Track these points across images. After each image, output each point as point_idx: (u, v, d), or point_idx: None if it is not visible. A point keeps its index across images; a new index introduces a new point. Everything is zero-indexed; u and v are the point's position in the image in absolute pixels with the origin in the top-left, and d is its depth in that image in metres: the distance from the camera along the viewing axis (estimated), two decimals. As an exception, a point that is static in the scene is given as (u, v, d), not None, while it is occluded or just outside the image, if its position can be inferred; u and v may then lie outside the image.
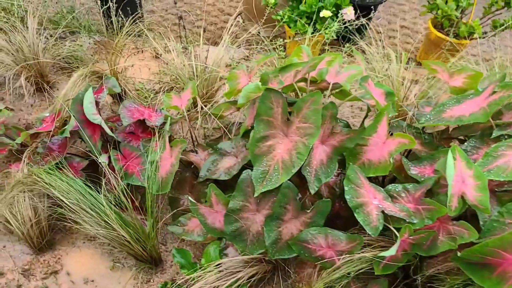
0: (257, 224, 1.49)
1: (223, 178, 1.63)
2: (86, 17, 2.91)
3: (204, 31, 3.53)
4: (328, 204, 1.41)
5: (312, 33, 2.72)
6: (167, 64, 2.70)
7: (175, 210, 1.72)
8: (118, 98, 2.44)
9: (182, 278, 1.72)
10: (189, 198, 1.53)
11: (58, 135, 1.95)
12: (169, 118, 1.68)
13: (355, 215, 1.37)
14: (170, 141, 1.71)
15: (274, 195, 1.44)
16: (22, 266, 1.77)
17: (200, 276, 1.55)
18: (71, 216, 1.66)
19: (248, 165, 1.59)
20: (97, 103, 1.89)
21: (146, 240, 1.65)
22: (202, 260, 1.63)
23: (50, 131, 1.80)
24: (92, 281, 1.76)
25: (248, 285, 1.58)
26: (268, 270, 1.66)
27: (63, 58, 2.58)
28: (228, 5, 3.80)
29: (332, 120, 1.46)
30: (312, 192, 1.42)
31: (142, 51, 2.88)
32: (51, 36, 2.62)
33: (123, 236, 1.61)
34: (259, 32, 3.43)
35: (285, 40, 2.93)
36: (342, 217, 1.59)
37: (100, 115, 1.85)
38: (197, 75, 2.35)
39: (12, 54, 2.40)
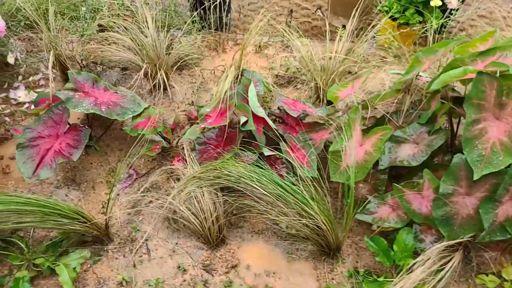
0: (467, 207, 1.50)
1: (414, 164, 1.64)
2: (186, 15, 2.91)
3: (288, 26, 3.53)
4: (551, 184, 1.42)
5: (420, 22, 2.74)
6: (287, 57, 2.70)
7: (371, 198, 1.71)
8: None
9: (365, 267, 1.74)
10: (395, 184, 1.54)
11: (212, 130, 1.95)
12: (359, 106, 1.68)
13: None
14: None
15: (491, 177, 1.45)
16: (202, 261, 1.77)
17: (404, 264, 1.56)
18: (261, 208, 1.67)
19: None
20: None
21: (335, 229, 1.66)
22: (395, 247, 1.64)
23: (225, 125, 1.79)
24: (274, 273, 1.76)
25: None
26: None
27: (178, 56, 2.57)
28: (292, -2, 3.81)
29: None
30: (531, 173, 1.43)
31: (260, 46, 2.87)
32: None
33: (319, 227, 1.61)
34: (344, 25, 3.46)
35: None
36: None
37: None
38: (324, 68, 2.35)
39: (138, 52, 2.39)
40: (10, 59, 2.28)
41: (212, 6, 2.73)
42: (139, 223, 1.90)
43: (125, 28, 2.41)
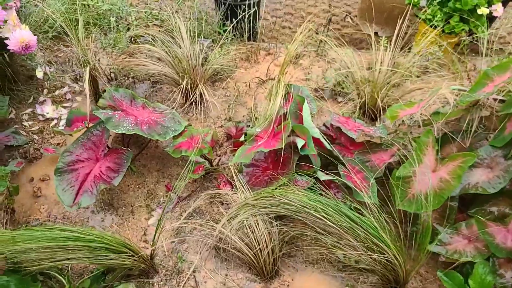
0: (558, 242, 1.37)
1: (490, 192, 1.51)
2: (216, 24, 2.78)
3: (317, 33, 3.40)
4: None
5: (465, 31, 2.60)
6: (327, 69, 2.57)
7: (444, 229, 1.58)
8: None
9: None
10: (477, 216, 1.40)
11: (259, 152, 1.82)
12: (431, 130, 1.54)
13: None
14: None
15: None
16: (256, 295, 1.64)
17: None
18: (325, 240, 1.53)
19: None
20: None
21: (406, 263, 1.52)
22: (471, 283, 1.50)
23: (280, 148, 1.65)
24: (335, 308, 1.63)
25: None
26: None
27: (215, 68, 2.44)
28: (330, 5, 3.68)
29: None
30: None
31: (297, 56, 2.73)
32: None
33: (389, 260, 1.48)
34: (376, 33, 3.33)
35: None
36: None
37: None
38: (369, 81, 2.22)
39: (172, 64, 2.26)
40: (39, 74, 2.15)
41: (246, 15, 2.59)
42: (184, 252, 1.76)
43: (153, 38, 2.27)
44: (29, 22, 2.28)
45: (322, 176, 1.71)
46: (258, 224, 1.61)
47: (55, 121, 2.28)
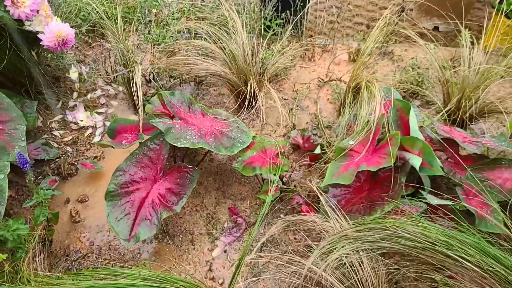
0: None
1: None
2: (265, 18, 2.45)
3: (368, 27, 3.08)
4: None
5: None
6: (406, 68, 2.24)
7: None
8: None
9: None
10: None
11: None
12: None
13: None
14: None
15: None
16: None
17: None
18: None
19: None
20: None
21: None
22: None
23: (386, 167, 1.31)
24: None
25: None
26: None
27: (277, 67, 2.11)
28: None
29: None
30: None
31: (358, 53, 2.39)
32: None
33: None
34: (437, 27, 3.00)
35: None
36: None
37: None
38: (455, 82, 1.89)
39: (228, 63, 1.93)
40: (73, 75, 1.83)
41: (303, 7, 2.27)
42: (261, 294, 1.44)
43: (196, 33, 1.94)
44: (60, 14, 1.95)
45: (434, 200, 1.38)
46: (362, 262, 1.28)
47: (90, 130, 1.95)
